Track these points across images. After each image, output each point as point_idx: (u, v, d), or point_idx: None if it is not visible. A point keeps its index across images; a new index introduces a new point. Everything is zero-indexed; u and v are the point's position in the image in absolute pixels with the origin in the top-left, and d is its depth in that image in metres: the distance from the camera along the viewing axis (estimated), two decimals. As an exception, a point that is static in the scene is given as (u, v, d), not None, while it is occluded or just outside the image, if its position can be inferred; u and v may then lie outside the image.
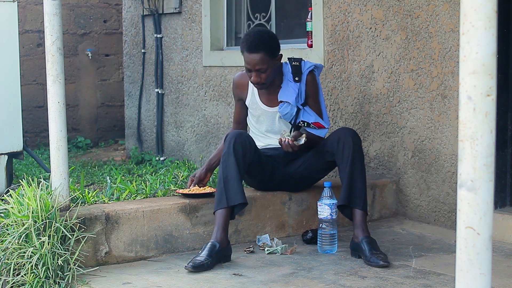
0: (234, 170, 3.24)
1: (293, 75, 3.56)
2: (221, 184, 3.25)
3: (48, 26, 3.09)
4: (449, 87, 3.76)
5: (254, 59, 3.42)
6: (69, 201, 3.15)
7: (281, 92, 3.58)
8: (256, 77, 3.46)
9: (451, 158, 3.76)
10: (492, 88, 1.40)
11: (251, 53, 3.43)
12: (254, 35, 3.50)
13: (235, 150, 3.26)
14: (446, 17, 3.75)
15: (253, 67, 3.43)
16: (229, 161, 3.25)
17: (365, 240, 3.21)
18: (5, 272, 2.93)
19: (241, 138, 3.30)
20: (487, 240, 1.42)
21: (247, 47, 3.45)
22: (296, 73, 3.57)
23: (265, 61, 3.43)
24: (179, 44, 5.73)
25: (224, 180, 3.24)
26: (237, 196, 3.22)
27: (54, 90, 3.11)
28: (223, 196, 3.23)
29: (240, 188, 3.23)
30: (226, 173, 3.24)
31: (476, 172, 1.41)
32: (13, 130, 4.63)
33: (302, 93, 3.55)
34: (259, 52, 3.42)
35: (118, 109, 7.80)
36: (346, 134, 3.36)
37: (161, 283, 2.91)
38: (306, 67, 3.59)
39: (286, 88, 3.56)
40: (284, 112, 3.55)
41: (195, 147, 5.64)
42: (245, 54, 3.46)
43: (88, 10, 7.67)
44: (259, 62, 3.43)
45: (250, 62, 3.44)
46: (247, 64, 3.45)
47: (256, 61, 3.42)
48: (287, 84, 3.57)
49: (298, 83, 3.56)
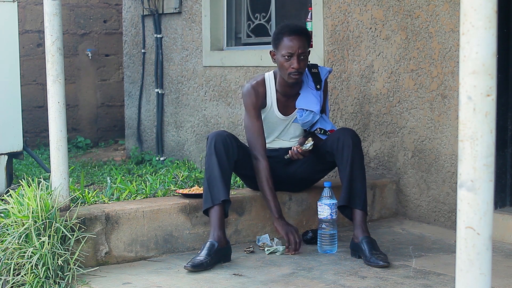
0: (216, 169, 3.24)
1: (315, 83, 3.54)
2: (205, 184, 3.27)
3: (48, 26, 3.09)
4: (449, 87, 3.76)
5: (298, 42, 3.37)
6: (69, 201, 3.15)
7: (300, 100, 3.53)
8: (297, 63, 3.36)
9: (451, 158, 3.76)
10: (492, 88, 1.40)
11: (295, 36, 3.38)
12: (293, 23, 3.50)
13: (216, 149, 3.27)
14: (446, 17, 3.75)
15: (296, 51, 3.36)
16: (211, 161, 3.27)
17: (365, 241, 3.21)
18: (5, 272, 2.93)
19: (221, 137, 3.29)
20: (487, 240, 1.42)
21: (290, 30, 3.39)
22: (316, 80, 3.54)
23: (306, 47, 3.40)
24: (179, 44, 5.73)
25: (208, 180, 3.26)
26: (220, 194, 3.22)
27: (54, 90, 3.11)
28: (208, 195, 3.25)
29: (223, 186, 3.23)
30: (209, 173, 3.26)
31: (476, 172, 1.41)
32: (13, 130, 4.63)
33: (321, 101, 3.55)
34: (301, 36, 3.40)
35: (118, 109, 7.80)
36: (346, 134, 3.36)
37: (161, 283, 2.91)
38: (323, 74, 3.58)
39: (307, 96, 3.52)
40: (305, 120, 3.51)
41: (195, 147, 5.64)
42: (285, 39, 3.38)
43: (88, 10, 7.67)
44: (301, 46, 3.37)
45: (293, 46, 3.36)
46: (289, 49, 3.36)
47: (299, 44, 3.36)
48: (308, 91, 3.53)
49: (319, 91, 3.54)
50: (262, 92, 3.52)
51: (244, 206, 3.56)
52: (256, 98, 3.49)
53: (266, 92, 3.53)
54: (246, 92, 3.51)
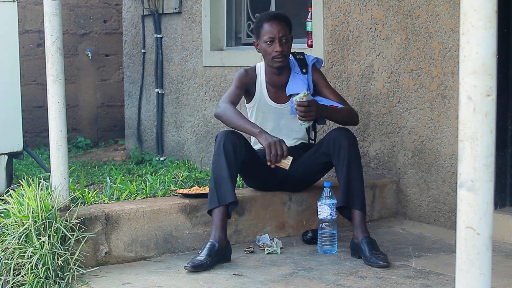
0: (224, 170, 3.22)
1: (300, 68, 3.59)
2: (212, 184, 3.25)
3: (48, 26, 3.09)
4: (449, 87, 3.76)
5: (278, 25, 3.47)
6: (69, 201, 3.15)
7: (289, 86, 3.57)
8: (279, 46, 3.45)
9: (451, 158, 3.76)
10: (492, 88, 1.40)
11: (274, 20, 3.48)
12: (271, 11, 3.60)
13: (225, 149, 3.25)
14: (446, 17, 3.75)
15: (277, 34, 3.45)
16: (219, 161, 3.24)
17: (365, 241, 3.21)
18: (5, 272, 2.93)
19: (230, 137, 3.28)
20: (487, 240, 1.42)
21: (269, 16, 3.51)
22: (302, 65, 3.60)
23: (286, 31, 3.49)
24: (179, 44, 5.73)
25: (215, 180, 3.24)
26: (227, 195, 3.21)
27: (54, 90, 3.11)
28: (214, 195, 3.23)
29: (230, 187, 3.21)
30: (217, 173, 3.24)
31: (476, 172, 1.41)
32: (13, 130, 4.63)
33: (311, 84, 3.57)
34: (280, 20, 3.50)
35: (118, 109, 7.80)
36: (341, 134, 3.35)
37: (161, 283, 2.91)
38: (310, 60, 3.64)
39: (295, 81, 3.56)
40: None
41: (195, 147, 5.64)
42: (266, 24, 3.49)
43: (88, 10, 7.67)
44: (281, 29, 3.47)
45: (273, 30, 3.46)
46: (270, 34, 3.46)
47: (279, 28, 3.46)
48: (295, 76, 3.58)
49: (306, 75, 3.57)
50: (252, 77, 3.61)
51: (244, 206, 3.56)
52: (245, 78, 3.59)
53: (256, 79, 3.61)
54: (237, 73, 3.63)
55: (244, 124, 3.29)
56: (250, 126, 3.29)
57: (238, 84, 3.55)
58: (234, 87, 3.54)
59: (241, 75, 3.59)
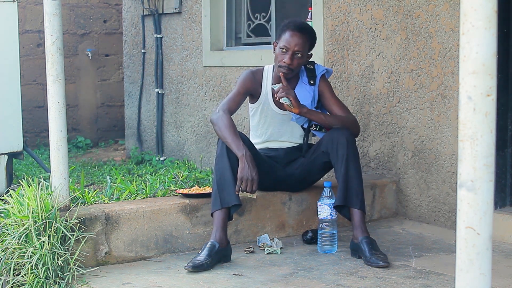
0: (228, 172, 3.23)
1: (308, 78, 3.55)
2: (215, 186, 3.25)
3: (48, 26, 3.09)
4: (449, 87, 3.76)
5: (298, 39, 3.41)
6: (69, 201, 3.15)
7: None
8: (290, 59, 3.40)
9: (451, 158, 3.76)
10: (492, 88, 1.40)
11: (296, 32, 3.42)
12: (301, 21, 3.52)
13: (228, 150, 3.25)
14: (446, 17, 3.75)
15: (293, 48, 3.40)
16: (223, 163, 3.24)
17: (365, 241, 3.21)
18: (5, 272, 2.93)
19: None
20: (487, 240, 1.42)
21: (294, 26, 3.44)
22: (311, 76, 3.55)
23: (304, 47, 3.43)
24: (179, 44, 5.73)
25: (218, 182, 3.24)
26: (230, 198, 3.21)
27: (54, 90, 3.11)
28: (217, 198, 3.22)
29: (233, 189, 3.22)
30: (220, 175, 3.24)
31: (476, 172, 1.41)
32: (13, 130, 4.63)
33: (316, 96, 3.54)
34: (304, 34, 3.43)
35: (118, 109, 7.80)
36: (340, 134, 3.35)
37: (161, 283, 2.91)
38: (320, 70, 3.58)
39: (301, 91, 3.52)
40: (298, 115, 3.51)
41: (195, 147, 5.64)
42: (287, 33, 3.43)
43: (88, 10, 7.67)
44: (300, 44, 3.41)
45: (291, 42, 3.40)
46: (287, 43, 3.40)
47: (297, 42, 3.40)
48: (302, 87, 3.54)
49: (313, 86, 3.55)
50: (259, 79, 3.58)
51: (244, 206, 3.55)
52: (250, 82, 3.55)
53: (262, 80, 3.58)
54: (243, 74, 3.58)
55: (232, 142, 3.26)
56: (236, 146, 3.25)
57: (241, 89, 3.52)
58: (237, 92, 3.51)
59: (246, 79, 3.55)
